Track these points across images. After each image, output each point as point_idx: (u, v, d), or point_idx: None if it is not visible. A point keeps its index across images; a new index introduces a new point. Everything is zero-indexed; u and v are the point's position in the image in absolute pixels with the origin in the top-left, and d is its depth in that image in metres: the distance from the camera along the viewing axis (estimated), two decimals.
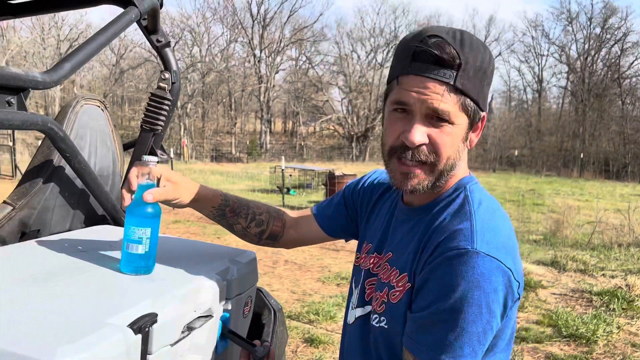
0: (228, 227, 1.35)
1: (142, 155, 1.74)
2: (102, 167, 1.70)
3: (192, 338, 1.11)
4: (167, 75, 1.76)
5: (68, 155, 1.43)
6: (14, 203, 1.42)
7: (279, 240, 1.38)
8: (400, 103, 0.97)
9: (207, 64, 38.51)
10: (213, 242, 1.60)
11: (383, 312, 1.05)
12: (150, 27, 1.73)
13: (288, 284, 5.75)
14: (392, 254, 1.09)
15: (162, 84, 1.77)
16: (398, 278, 1.03)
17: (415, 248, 1.01)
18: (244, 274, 1.33)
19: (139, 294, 1.00)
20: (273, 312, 1.60)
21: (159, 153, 1.84)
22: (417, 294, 0.97)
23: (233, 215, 1.32)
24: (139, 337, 0.90)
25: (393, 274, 1.05)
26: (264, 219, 1.35)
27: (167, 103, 1.77)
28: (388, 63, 40.85)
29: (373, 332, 1.08)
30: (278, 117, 48.02)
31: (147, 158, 1.12)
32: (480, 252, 0.89)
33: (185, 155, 31.78)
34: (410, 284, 1.00)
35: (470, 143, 1.03)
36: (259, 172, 21.77)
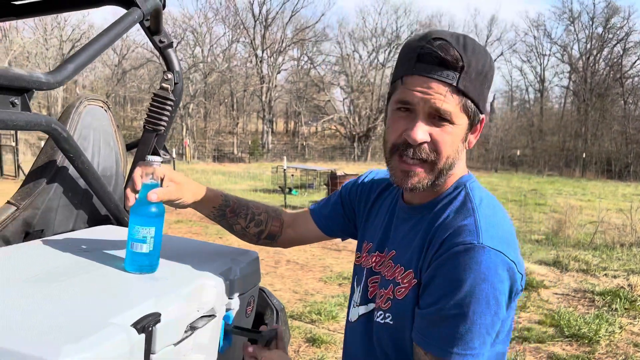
0: (228, 227, 1.36)
1: (145, 156, 1.75)
2: (105, 167, 1.71)
3: (195, 337, 1.11)
4: (169, 76, 1.77)
5: (71, 156, 1.44)
6: (18, 203, 1.43)
7: (277, 240, 1.40)
8: (404, 102, 1.00)
9: (209, 64, 38.51)
10: (215, 242, 1.61)
11: (389, 308, 1.07)
12: (153, 27, 1.73)
13: (290, 284, 5.76)
14: (395, 252, 1.11)
15: (164, 85, 1.77)
16: (403, 275, 1.06)
17: (420, 245, 1.04)
18: (247, 274, 1.33)
19: (143, 294, 1.01)
20: (275, 311, 1.60)
21: (162, 153, 1.84)
22: (424, 290, 1.00)
23: (233, 216, 1.34)
24: (143, 336, 0.91)
25: (398, 271, 1.07)
26: (263, 219, 1.37)
27: (169, 103, 1.78)
28: (390, 63, 40.91)
29: (377, 328, 1.10)
30: (280, 117, 48.00)
31: (151, 158, 1.13)
32: (486, 246, 0.93)
33: (188, 155, 31.80)
34: (417, 280, 1.03)
35: (469, 144, 1.07)
36: (261, 172, 21.78)
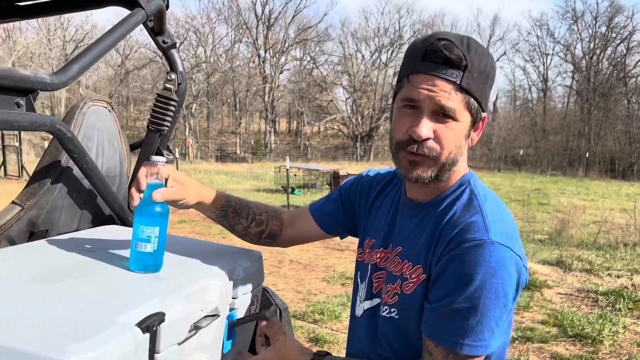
0: (229, 227, 1.37)
1: (149, 156, 1.76)
2: (109, 167, 1.71)
3: (199, 337, 1.12)
4: (173, 76, 1.78)
5: (76, 156, 1.44)
6: (23, 203, 1.43)
7: (277, 239, 1.41)
8: (410, 100, 1.04)
9: (211, 65, 38.55)
10: (218, 241, 1.61)
11: (395, 303, 1.11)
12: (157, 28, 1.74)
13: (293, 284, 5.76)
14: (402, 248, 1.14)
15: (168, 85, 1.78)
16: (411, 270, 1.09)
17: (428, 241, 1.07)
18: (250, 274, 1.34)
19: (147, 293, 1.01)
20: (279, 311, 1.60)
21: (165, 153, 1.85)
22: (434, 284, 1.03)
23: (235, 216, 1.35)
24: (147, 336, 0.91)
25: (405, 267, 1.11)
26: (264, 219, 1.38)
27: (173, 104, 1.79)
28: (392, 63, 40.87)
29: (382, 322, 1.14)
30: (282, 117, 48.00)
31: (155, 158, 1.14)
32: (495, 242, 0.97)
33: (191, 156, 31.84)
34: (426, 275, 1.06)
35: (472, 141, 1.10)
36: (264, 172, 21.79)
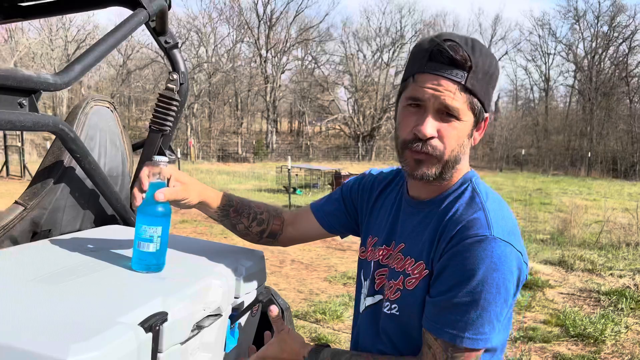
0: (231, 227, 1.38)
1: (151, 156, 1.76)
2: (111, 167, 1.72)
3: (201, 336, 1.12)
4: (175, 76, 1.78)
5: (78, 156, 1.45)
6: (26, 203, 1.44)
7: (278, 238, 1.42)
8: (415, 99, 1.06)
9: (213, 64, 38.54)
10: (220, 241, 1.62)
11: (397, 299, 1.13)
12: (159, 28, 1.74)
13: (295, 284, 5.77)
14: (404, 245, 1.16)
15: (170, 85, 1.78)
16: (414, 266, 1.11)
17: (431, 237, 1.09)
18: (253, 273, 1.34)
19: (150, 293, 1.02)
20: (281, 310, 1.61)
21: (167, 153, 1.85)
22: (436, 279, 1.05)
23: (236, 215, 1.36)
24: (150, 335, 0.92)
25: (408, 263, 1.12)
26: (265, 218, 1.39)
27: (175, 104, 1.79)
28: (394, 62, 40.84)
29: (383, 319, 1.16)
30: (284, 116, 47.96)
31: (158, 158, 1.14)
32: (497, 238, 1.00)
33: (192, 155, 31.85)
34: (428, 271, 1.08)
35: (474, 140, 1.12)
36: (266, 171, 21.79)
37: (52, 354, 0.76)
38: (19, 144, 17.44)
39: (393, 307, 1.13)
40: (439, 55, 1.02)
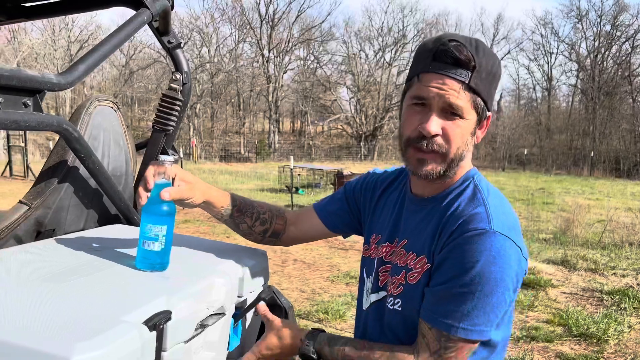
0: (234, 226, 1.39)
1: (154, 155, 1.76)
2: (115, 167, 1.72)
3: (205, 335, 1.13)
4: (178, 76, 1.78)
5: (82, 156, 1.45)
6: (30, 203, 1.44)
7: (281, 238, 1.43)
8: (420, 97, 1.08)
9: (215, 65, 38.56)
10: (223, 241, 1.62)
11: (400, 294, 1.14)
12: (162, 28, 1.75)
13: (297, 283, 5.77)
14: (407, 241, 1.18)
15: (173, 85, 1.79)
16: (415, 261, 1.13)
17: (433, 232, 1.11)
18: (255, 272, 1.34)
19: (154, 292, 1.02)
20: (284, 310, 1.61)
21: (170, 153, 1.86)
22: (436, 271, 1.07)
23: (240, 215, 1.37)
24: (154, 334, 0.92)
25: (410, 258, 1.14)
26: (267, 218, 1.40)
27: (178, 104, 1.79)
28: (396, 62, 40.77)
29: (388, 314, 1.17)
30: (286, 116, 47.98)
31: (163, 158, 1.15)
32: (497, 232, 1.01)
33: (195, 155, 31.88)
34: (430, 265, 1.10)
35: (477, 138, 1.14)
36: (268, 171, 21.80)
37: (56, 353, 0.76)
38: (22, 144, 17.47)
39: (396, 302, 1.15)
40: (444, 55, 1.04)
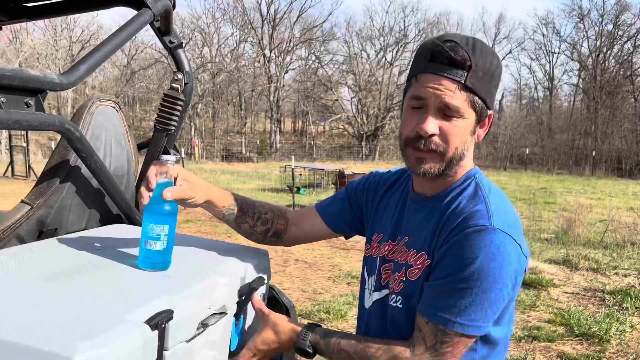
0: (235, 226, 1.39)
1: (156, 155, 1.77)
2: (117, 166, 1.73)
3: (207, 334, 1.13)
4: (179, 76, 1.79)
5: (84, 155, 1.46)
6: (32, 202, 1.45)
7: (282, 238, 1.43)
8: (417, 97, 1.09)
9: (217, 64, 38.57)
10: (225, 240, 1.63)
11: (401, 290, 1.15)
12: (163, 28, 1.75)
13: (299, 283, 5.77)
14: (408, 238, 1.19)
15: (175, 85, 1.79)
16: (416, 257, 1.14)
17: (433, 229, 1.12)
18: (257, 272, 1.34)
19: (155, 291, 1.02)
20: (285, 309, 1.61)
21: (172, 152, 1.86)
22: (435, 266, 1.08)
23: (241, 215, 1.37)
24: (156, 333, 0.92)
25: (411, 254, 1.15)
26: (269, 218, 1.41)
27: (180, 103, 1.80)
28: (397, 62, 40.75)
29: (391, 312, 1.18)
30: (288, 116, 47.96)
31: (165, 157, 1.15)
32: (497, 228, 1.02)
33: (196, 155, 31.89)
34: (430, 261, 1.10)
35: (478, 137, 1.15)
36: (269, 171, 21.81)
37: (59, 352, 0.76)
38: (24, 144, 17.51)
39: (398, 299, 1.16)
40: (440, 56, 1.05)
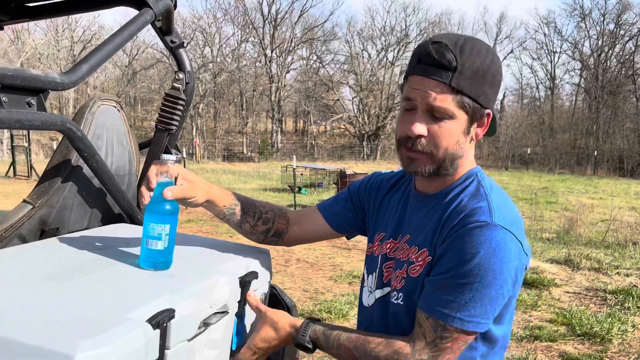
0: (236, 225, 1.39)
1: (157, 155, 1.77)
2: (118, 166, 1.73)
3: (208, 334, 1.13)
4: (181, 76, 1.79)
5: (86, 155, 1.46)
6: (34, 202, 1.45)
7: (283, 238, 1.43)
8: (407, 99, 1.11)
9: (218, 64, 38.58)
10: (226, 240, 1.63)
11: (402, 287, 1.15)
12: (165, 28, 1.75)
13: (300, 282, 5.77)
14: (410, 235, 1.19)
15: (176, 84, 1.79)
16: (417, 254, 1.14)
17: (435, 226, 1.12)
18: (258, 271, 1.35)
19: (157, 290, 1.02)
20: (287, 309, 1.61)
21: (173, 152, 1.86)
22: (437, 262, 1.08)
23: (242, 214, 1.37)
24: (158, 332, 0.92)
25: (412, 251, 1.16)
26: (270, 217, 1.40)
27: (181, 103, 1.80)
28: (399, 61, 40.70)
29: (392, 309, 1.18)
30: (289, 116, 47.93)
31: (165, 157, 1.15)
32: (498, 225, 1.03)
33: (198, 155, 31.90)
34: (431, 257, 1.11)
35: (476, 137, 1.15)
36: (271, 171, 21.81)
37: (61, 350, 0.77)
38: (26, 144, 17.54)
39: (399, 296, 1.16)
40: (427, 57, 1.06)
